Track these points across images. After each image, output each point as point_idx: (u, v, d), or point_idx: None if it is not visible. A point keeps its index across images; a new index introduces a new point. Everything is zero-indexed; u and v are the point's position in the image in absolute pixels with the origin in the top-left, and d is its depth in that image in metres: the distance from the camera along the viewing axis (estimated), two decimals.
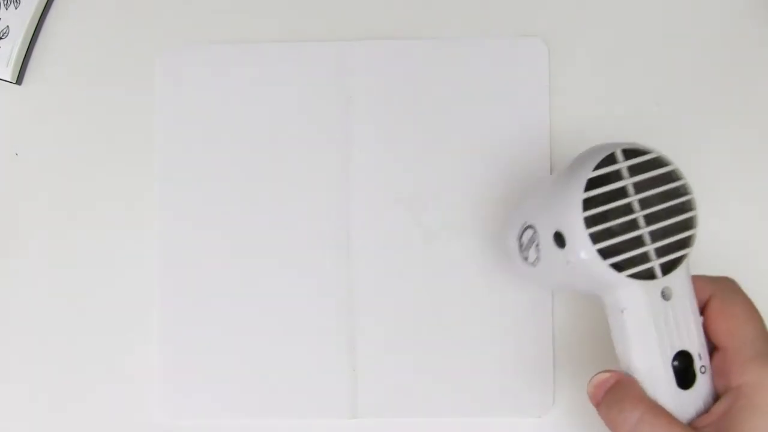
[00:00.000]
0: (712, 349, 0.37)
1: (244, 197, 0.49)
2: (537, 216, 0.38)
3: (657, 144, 0.50)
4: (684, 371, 0.36)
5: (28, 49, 0.51)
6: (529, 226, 0.39)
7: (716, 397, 0.36)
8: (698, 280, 0.38)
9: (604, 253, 0.35)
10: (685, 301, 0.36)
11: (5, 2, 0.50)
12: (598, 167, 0.35)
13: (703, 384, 0.36)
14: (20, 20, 0.50)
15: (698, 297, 0.37)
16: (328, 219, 0.49)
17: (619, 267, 0.35)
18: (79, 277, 0.50)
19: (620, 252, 0.35)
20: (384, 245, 0.49)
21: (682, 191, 0.37)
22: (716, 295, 0.37)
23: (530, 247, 0.39)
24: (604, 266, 0.35)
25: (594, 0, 0.51)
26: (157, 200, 0.50)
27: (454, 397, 0.48)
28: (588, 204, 0.35)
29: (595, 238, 0.35)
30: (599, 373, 0.38)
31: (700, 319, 0.37)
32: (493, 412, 0.48)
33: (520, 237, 0.40)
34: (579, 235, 0.35)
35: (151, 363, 0.49)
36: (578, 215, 0.35)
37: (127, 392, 0.49)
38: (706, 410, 0.36)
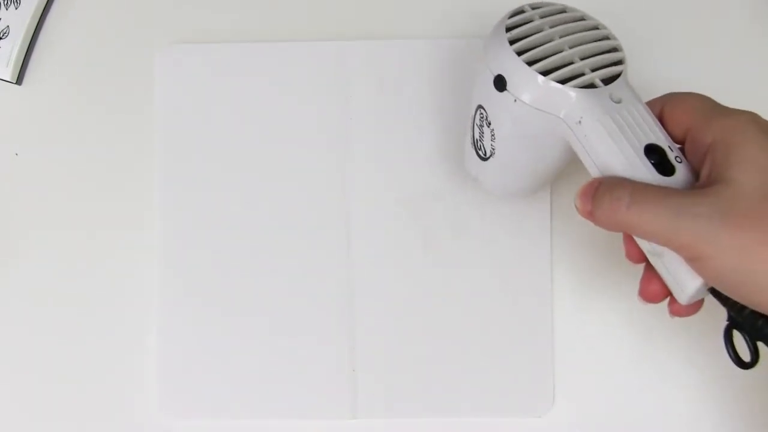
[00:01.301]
0: (682, 148, 0.38)
1: (244, 197, 0.49)
2: (479, 91, 0.40)
3: None
4: (661, 164, 0.36)
5: (28, 49, 0.51)
6: (478, 107, 0.41)
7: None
8: (648, 103, 0.39)
9: (544, 74, 0.37)
10: (638, 105, 0.38)
11: (5, 2, 0.50)
12: (511, 16, 0.39)
13: (682, 171, 0.36)
14: (20, 20, 0.50)
15: (654, 114, 0.38)
16: (328, 219, 0.49)
17: (561, 82, 0.37)
18: (79, 276, 0.50)
19: (556, 71, 0.37)
20: (384, 245, 0.49)
21: (597, 28, 0.40)
22: (665, 102, 0.38)
23: (483, 134, 0.41)
24: (547, 83, 0.37)
25: (593, 0, 0.51)
26: (157, 200, 0.50)
27: (454, 397, 0.48)
28: (514, 44, 0.38)
29: (530, 64, 0.37)
30: (581, 186, 0.38)
31: (658, 122, 0.38)
32: (493, 412, 0.48)
33: (473, 134, 0.42)
34: (514, 65, 0.37)
35: (151, 363, 0.49)
36: (508, 50, 0.38)
37: (127, 392, 0.49)
38: None
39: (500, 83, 0.38)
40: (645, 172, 0.36)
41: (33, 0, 0.50)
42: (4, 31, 0.50)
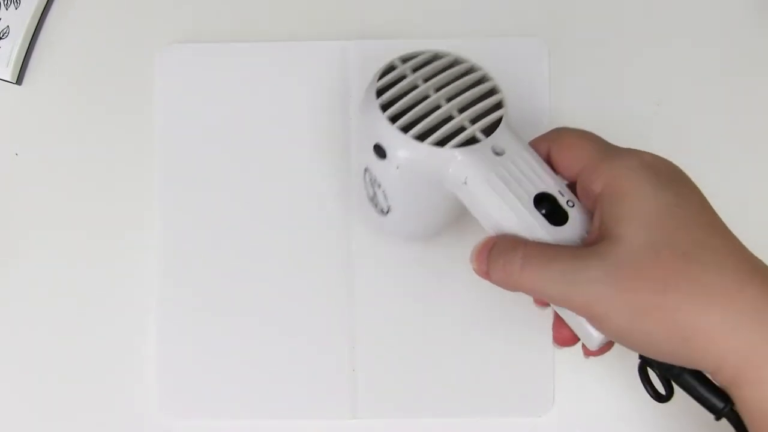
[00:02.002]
0: (572, 190, 0.37)
1: (244, 197, 0.49)
2: (362, 154, 0.39)
3: (658, 143, 0.50)
4: (553, 213, 0.36)
5: (28, 49, 0.51)
6: (366, 170, 0.40)
7: None
8: (533, 142, 0.38)
9: (420, 139, 0.36)
10: (522, 153, 0.37)
11: (5, 2, 0.50)
12: (381, 77, 0.38)
13: (576, 217, 0.36)
14: (20, 20, 0.50)
15: (541, 154, 0.38)
16: (328, 219, 0.49)
17: (440, 144, 0.36)
18: (79, 277, 0.50)
19: (435, 132, 0.36)
20: (384, 245, 0.49)
21: (472, 70, 0.38)
22: (552, 142, 0.38)
23: (376, 193, 0.40)
24: (425, 148, 0.36)
25: (594, 0, 0.51)
26: (156, 200, 0.50)
27: (454, 397, 0.48)
28: (387, 109, 0.37)
29: (405, 129, 0.36)
30: (476, 244, 0.37)
31: (546, 165, 0.37)
32: (493, 412, 0.48)
33: (368, 192, 0.41)
34: (389, 133, 0.36)
35: (151, 363, 0.49)
36: (381, 117, 0.36)
37: (127, 392, 0.49)
38: None
39: (380, 152, 0.37)
40: (536, 226, 0.35)
41: (33, 0, 0.50)
42: (4, 31, 0.50)
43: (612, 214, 0.34)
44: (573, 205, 0.36)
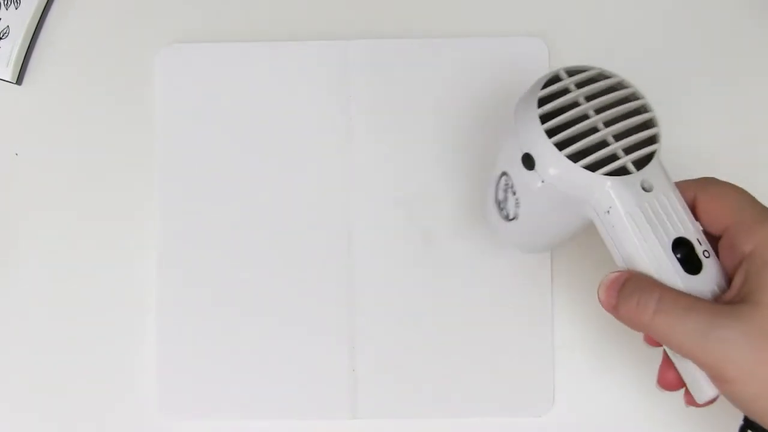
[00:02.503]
0: (715, 240, 0.37)
1: (244, 197, 0.49)
2: (505, 158, 0.39)
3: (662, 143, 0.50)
4: (688, 259, 0.35)
5: (28, 49, 0.51)
6: (503, 174, 0.39)
7: (729, 279, 0.36)
8: (680, 185, 0.38)
9: (573, 159, 0.35)
10: (669, 192, 0.36)
11: (5, 2, 0.50)
12: (545, 86, 0.37)
13: (710, 267, 0.35)
14: (20, 20, 0.50)
15: (685, 199, 0.37)
16: (328, 219, 0.49)
17: (591, 168, 0.35)
18: (79, 277, 0.50)
19: (589, 155, 0.35)
20: (384, 245, 0.49)
21: (633, 98, 0.37)
22: (700, 189, 0.37)
23: (507, 199, 0.40)
24: (576, 170, 0.35)
25: (594, 0, 0.51)
26: (156, 200, 0.50)
27: (454, 397, 0.48)
28: (545, 121, 0.36)
29: (560, 146, 0.35)
30: (606, 276, 0.37)
31: (689, 210, 0.37)
32: (493, 412, 0.48)
33: (497, 195, 0.41)
34: (544, 147, 0.35)
35: (150, 364, 0.49)
36: (538, 129, 0.36)
37: (126, 393, 0.49)
38: (722, 292, 0.35)
39: (528, 162, 0.36)
40: (671, 270, 0.35)
41: (33, 0, 0.50)
42: (4, 31, 0.50)
43: (759, 280, 0.33)
44: (708, 256, 0.36)
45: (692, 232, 0.36)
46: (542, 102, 0.36)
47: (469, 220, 0.49)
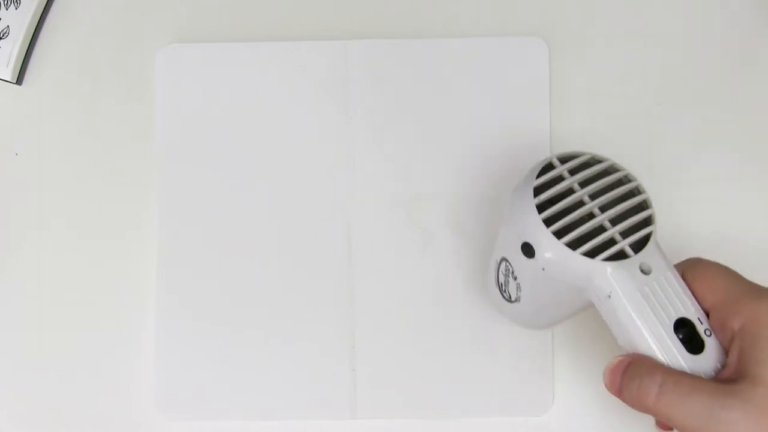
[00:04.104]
0: (706, 314, 0.37)
1: (243, 196, 0.49)
2: (505, 245, 0.40)
3: (658, 144, 0.50)
4: (690, 339, 0.36)
5: (28, 49, 0.51)
6: (503, 259, 0.40)
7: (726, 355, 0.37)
8: None
9: (572, 247, 0.36)
10: (667, 273, 0.37)
11: (5, 2, 0.50)
12: (539, 175, 0.37)
13: (712, 346, 0.36)
14: (20, 20, 0.50)
15: None
16: (328, 219, 0.49)
17: (590, 254, 0.36)
18: (78, 277, 0.50)
19: (586, 241, 0.36)
20: (384, 246, 0.49)
21: (625, 180, 0.38)
22: (686, 269, 0.38)
23: (509, 283, 0.41)
24: (576, 257, 0.36)
25: (594, 0, 0.51)
26: (156, 201, 0.50)
27: (454, 397, 0.48)
28: (542, 210, 0.37)
29: (558, 234, 0.36)
30: (611, 360, 0.38)
31: (688, 290, 0.37)
32: (493, 411, 0.48)
33: (498, 278, 0.42)
34: (542, 236, 0.36)
35: (149, 364, 0.49)
36: (536, 218, 0.36)
37: (125, 393, 0.49)
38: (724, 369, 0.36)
39: (528, 251, 0.37)
40: (674, 351, 0.36)
41: (33, 0, 0.50)
42: (4, 31, 0.50)
43: (753, 355, 0.34)
44: (710, 335, 0.36)
45: (693, 312, 0.36)
46: (537, 191, 0.37)
47: (469, 220, 0.49)
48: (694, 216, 0.49)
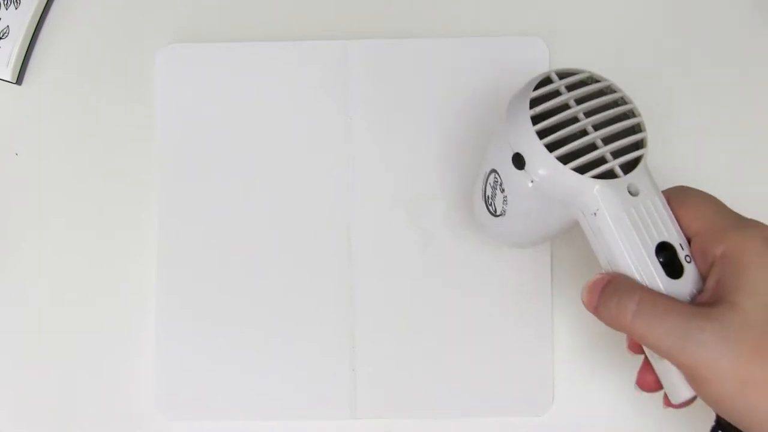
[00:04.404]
0: (687, 241, 0.38)
1: (243, 196, 0.49)
2: (495, 156, 0.39)
3: (657, 144, 0.50)
4: (670, 264, 0.36)
5: (28, 49, 0.51)
6: (492, 171, 0.40)
7: (704, 282, 0.37)
8: None
9: (563, 161, 0.36)
10: (654, 198, 0.37)
11: (5, 2, 0.50)
12: (537, 88, 0.37)
13: (691, 272, 0.36)
14: (20, 20, 0.50)
15: None
16: (328, 219, 0.49)
17: (580, 170, 0.36)
18: (78, 277, 0.50)
19: (578, 157, 0.36)
20: (384, 246, 0.49)
21: (621, 102, 0.38)
22: (673, 196, 0.38)
23: (495, 195, 0.40)
24: (565, 172, 0.36)
25: (594, 0, 0.51)
26: (156, 201, 0.50)
27: (454, 397, 0.48)
28: (537, 122, 0.37)
29: (550, 148, 0.36)
30: (591, 278, 0.38)
31: (672, 216, 0.37)
32: (493, 411, 0.48)
33: (485, 191, 0.41)
34: (535, 148, 0.36)
35: (149, 364, 0.49)
36: (530, 130, 0.36)
37: (125, 394, 0.49)
38: (700, 294, 0.36)
39: (519, 162, 0.37)
40: (653, 274, 0.36)
41: (33, 0, 0.50)
42: (4, 31, 0.50)
43: (732, 282, 0.34)
44: (690, 261, 0.36)
45: (675, 237, 0.36)
46: (534, 103, 0.37)
47: (469, 220, 0.49)
48: None
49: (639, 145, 0.37)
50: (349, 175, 0.49)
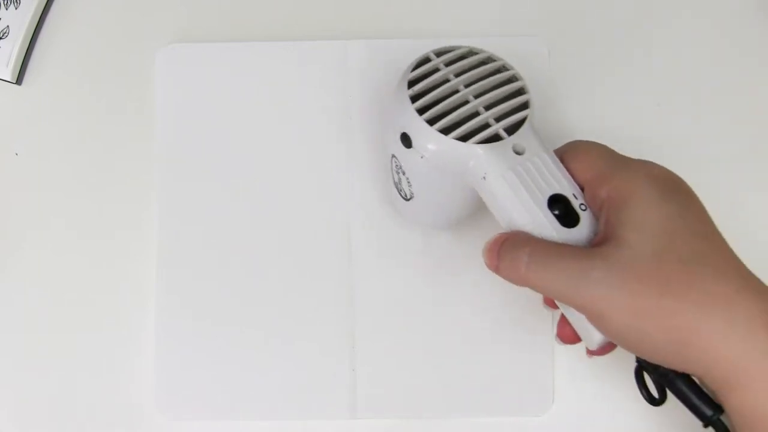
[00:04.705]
0: (582, 190, 0.38)
1: (244, 196, 0.49)
2: (390, 140, 0.41)
3: (657, 144, 0.50)
4: (566, 214, 0.37)
5: (28, 49, 0.51)
6: (392, 156, 0.41)
7: None
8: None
9: (445, 132, 0.37)
10: (542, 154, 0.38)
11: (5, 2, 0.50)
12: (415, 69, 0.39)
13: (587, 220, 0.37)
14: (20, 20, 0.50)
15: None
16: (329, 220, 0.49)
17: (463, 139, 0.37)
18: (78, 277, 0.50)
19: (460, 126, 0.37)
20: (384, 246, 0.49)
21: (503, 69, 0.40)
22: (566, 151, 0.39)
23: (401, 180, 0.42)
24: (449, 141, 0.37)
25: (594, 0, 0.51)
26: (156, 201, 0.50)
27: (454, 397, 0.48)
28: (416, 100, 0.38)
29: (432, 122, 0.37)
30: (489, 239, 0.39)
31: (564, 169, 0.38)
32: (493, 411, 0.48)
33: (393, 177, 0.43)
34: (416, 124, 0.38)
35: (149, 364, 0.49)
36: (410, 109, 0.38)
37: (125, 394, 0.49)
38: None
39: (406, 141, 0.39)
40: (548, 226, 0.37)
41: (33, 0, 0.50)
42: (4, 31, 0.50)
43: (617, 219, 0.35)
44: (585, 209, 0.37)
45: (567, 188, 0.37)
46: (412, 83, 0.39)
47: (468, 220, 0.49)
48: None
49: (523, 107, 0.39)
50: (349, 175, 0.49)
